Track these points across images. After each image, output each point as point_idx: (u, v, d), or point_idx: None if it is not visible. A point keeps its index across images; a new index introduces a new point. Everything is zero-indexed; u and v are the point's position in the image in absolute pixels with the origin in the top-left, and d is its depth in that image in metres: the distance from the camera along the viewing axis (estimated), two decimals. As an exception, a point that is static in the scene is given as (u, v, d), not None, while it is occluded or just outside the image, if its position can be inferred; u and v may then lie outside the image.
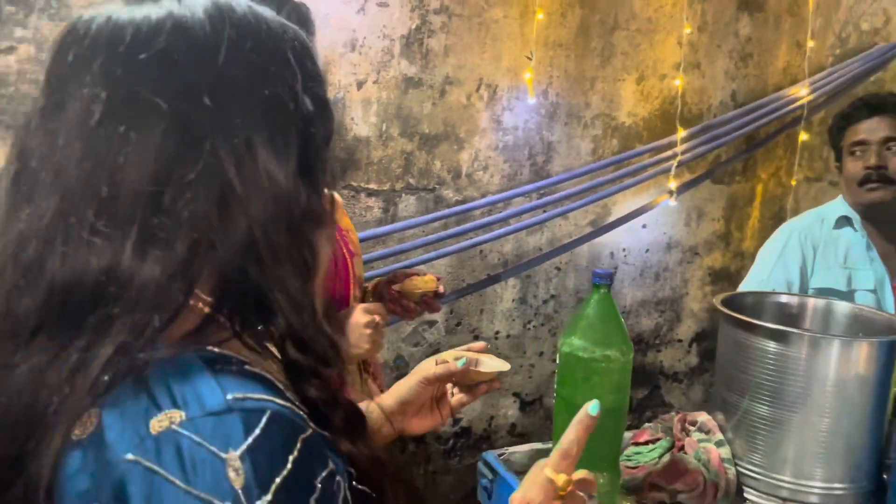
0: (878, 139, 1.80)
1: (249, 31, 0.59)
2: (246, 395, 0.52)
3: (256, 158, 0.57)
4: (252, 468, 0.49)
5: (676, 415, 1.42)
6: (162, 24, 0.57)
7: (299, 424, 0.53)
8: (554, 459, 0.75)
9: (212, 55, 0.57)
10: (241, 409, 0.51)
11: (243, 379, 0.54)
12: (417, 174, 2.03)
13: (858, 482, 1.25)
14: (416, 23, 1.94)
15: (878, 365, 1.22)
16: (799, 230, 1.89)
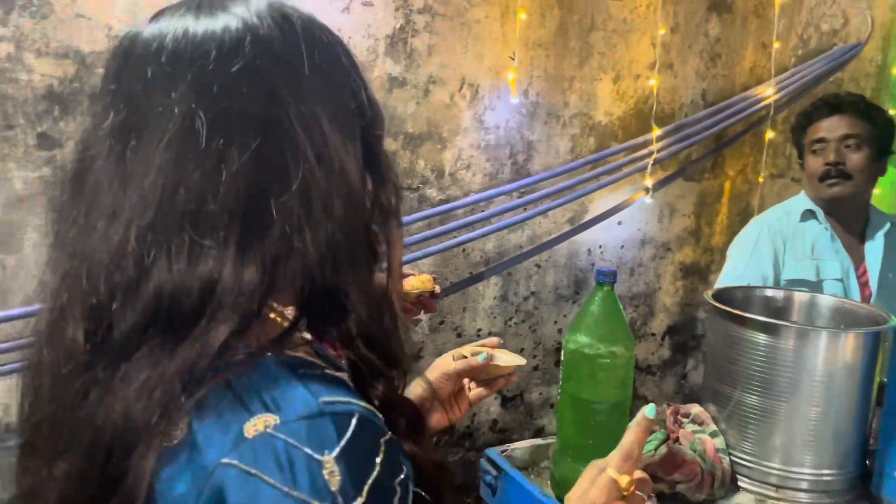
0: (837, 137, 1.88)
1: (313, 38, 0.61)
2: (335, 398, 0.54)
3: (338, 162, 0.58)
4: (347, 470, 0.51)
5: (668, 407, 1.46)
6: (243, 37, 0.58)
7: (381, 427, 0.56)
8: (616, 461, 0.77)
9: (291, 65, 0.58)
10: (332, 413, 0.53)
11: (328, 383, 0.56)
12: (402, 174, 2.03)
13: (846, 468, 1.30)
14: (401, 22, 1.94)
15: (864, 355, 1.28)
16: (768, 224, 1.96)
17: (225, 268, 0.54)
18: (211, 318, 0.53)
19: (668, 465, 1.28)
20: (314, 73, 0.59)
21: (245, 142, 0.55)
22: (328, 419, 0.53)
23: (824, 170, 1.89)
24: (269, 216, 0.55)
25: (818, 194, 1.92)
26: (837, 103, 1.93)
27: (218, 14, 0.59)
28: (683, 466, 1.28)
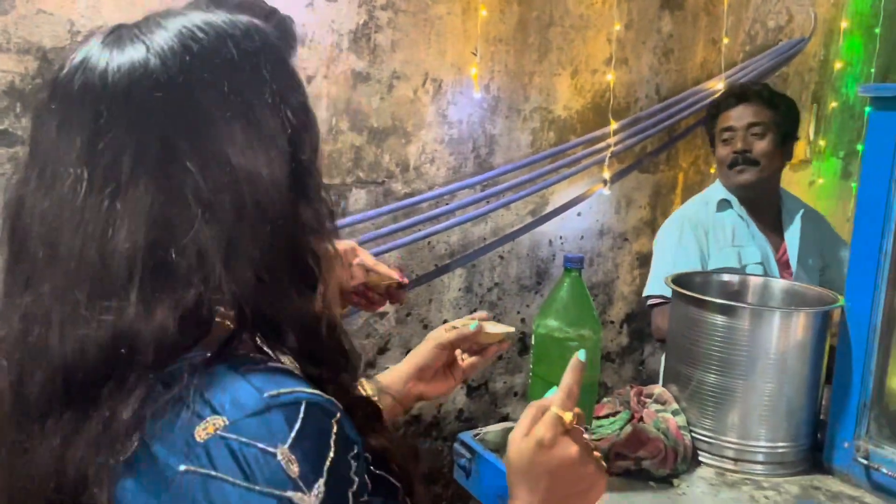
0: (743, 125, 1.96)
1: (220, 63, 0.59)
2: (279, 390, 0.55)
3: (247, 190, 0.58)
4: (304, 457, 0.54)
5: (632, 389, 1.52)
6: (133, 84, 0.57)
7: (330, 408, 0.57)
8: (559, 399, 0.80)
9: (185, 100, 0.57)
10: (278, 405, 0.55)
11: (271, 375, 0.57)
12: (367, 168, 2.06)
13: (798, 440, 1.38)
14: (364, 18, 1.97)
15: (814, 333, 1.36)
16: (689, 218, 2.02)
17: (127, 321, 0.55)
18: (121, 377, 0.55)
19: (632, 443, 1.34)
20: (218, 103, 0.58)
21: (132, 192, 0.56)
22: (276, 412, 0.54)
23: (732, 157, 1.97)
24: (172, 261, 0.56)
25: (729, 181, 2.00)
26: (743, 92, 2.02)
27: (115, 50, 0.59)
28: (648, 444, 1.34)
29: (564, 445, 0.76)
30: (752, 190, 1.99)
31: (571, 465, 0.76)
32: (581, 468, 0.77)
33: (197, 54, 0.58)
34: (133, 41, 0.59)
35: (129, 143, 0.56)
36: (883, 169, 1.27)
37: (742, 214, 2.00)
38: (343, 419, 0.57)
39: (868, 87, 1.29)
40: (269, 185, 0.59)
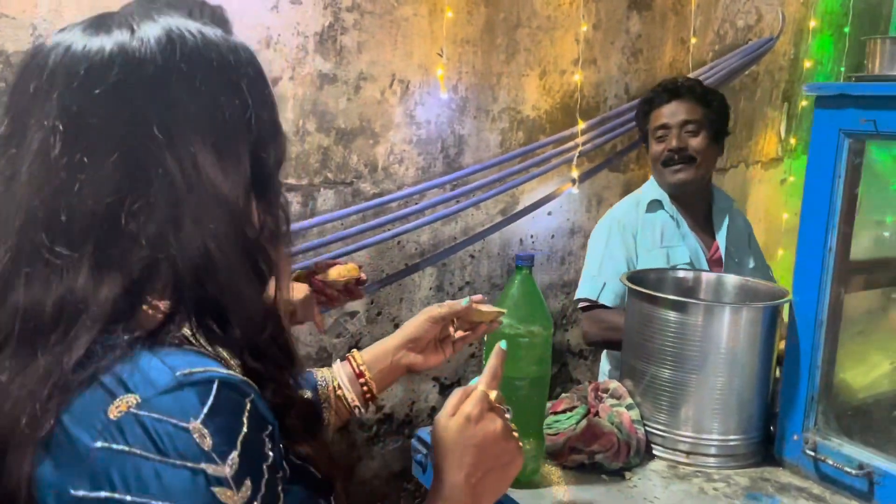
0: (678, 122, 1.94)
1: (200, 62, 0.62)
2: (192, 369, 0.58)
3: (208, 181, 0.61)
4: (216, 430, 0.56)
5: (590, 384, 1.54)
6: (114, 58, 0.60)
7: (244, 389, 0.60)
8: (486, 379, 0.86)
9: (163, 87, 0.61)
10: (190, 383, 0.57)
11: (185, 355, 0.60)
12: (335, 168, 2.08)
13: (750, 432, 1.40)
14: (329, 20, 1.99)
15: (763, 328, 1.38)
16: (617, 220, 2.00)
17: (79, 283, 0.58)
18: (66, 331, 0.57)
19: (587, 437, 1.36)
20: (189, 99, 0.61)
21: (101, 159, 0.59)
22: (188, 389, 0.56)
23: (667, 155, 1.94)
24: (128, 231, 0.59)
25: (664, 180, 1.97)
26: (676, 89, 1.98)
27: (102, 33, 0.62)
28: (601, 437, 1.36)
29: (490, 419, 0.82)
30: (688, 187, 1.96)
31: (496, 439, 0.81)
32: (504, 443, 0.82)
33: (181, 50, 0.62)
34: (121, 25, 0.62)
35: (103, 111, 0.59)
36: (827, 166, 1.30)
37: (673, 214, 1.97)
38: (257, 399, 0.60)
39: (812, 85, 1.31)
40: (229, 182, 0.62)
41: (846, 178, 1.29)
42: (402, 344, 1.08)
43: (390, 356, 1.08)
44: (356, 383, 1.06)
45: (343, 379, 1.05)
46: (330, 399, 1.04)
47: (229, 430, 0.57)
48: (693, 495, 1.28)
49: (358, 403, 1.05)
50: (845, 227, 1.31)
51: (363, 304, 2.22)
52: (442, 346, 1.13)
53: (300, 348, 2.06)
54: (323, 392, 1.05)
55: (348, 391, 1.05)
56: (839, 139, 1.28)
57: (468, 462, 0.79)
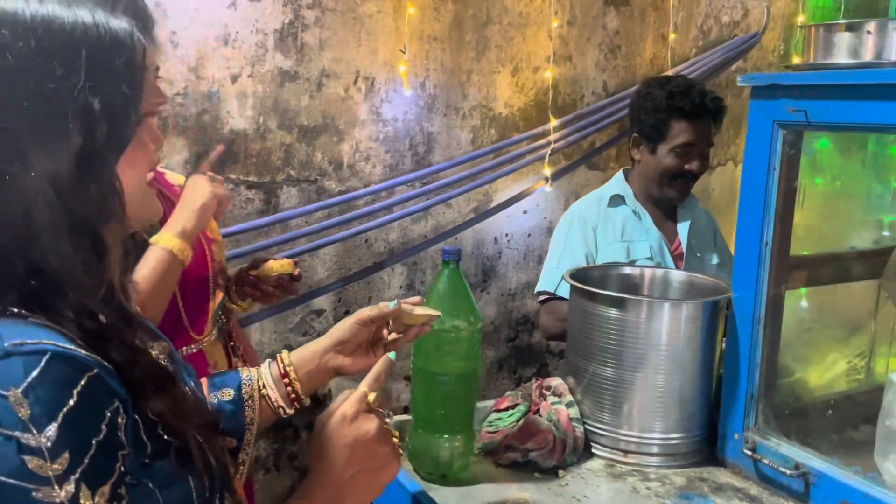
0: (704, 144, 1.85)
1: (24, 29, 0.62)
2: (23, 340, 0.59)
3: (25, 151, 0.62)
4: (36, 401, 0.57)
5: (535, 381, 1.52)
6: None
7: (84, 362, 0.60)
8: (367, 381, 0.87)
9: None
10: (19, 353, 0.58)
11: (23, 326, 0.61)
12: (298, 166, 2.07)
13: (692, 431, 1.37)
14: (290, 17, 1.98)
15: (703, 324, 1.35)
16: (578, 215, 1.95)
17: None
18: None
19: (522, 435, 1.34)
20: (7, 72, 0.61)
21: None
22: (15, 359, 0.58)
23: (685, 172, 1.86)
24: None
25: (664, 192, 1.89)
26: (715, 109, 1.86)
27: None
28: (537, 435, 1.34)
29: (365, 421, 0.83)
30: (678, 203, 1.94)
31: (369, 440, 0.82)
32: (377, 445, 0.83)
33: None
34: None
35: None
36: (762, 158, 1.27)
37: (635, 208, 1.93)
38: (102, 375, 0.61)
39: (746, 76, 1.28)
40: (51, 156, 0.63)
41: (782, 170, 1.26)
42: (331, 346, 1.06)
43: (318, 358, 1.06)
44: (281, 383, 1.04)
45: (268, 378, 1.04)
46: (254, 398, 1.04)
47: (52, 401, 0.58)
48: (624, 494, 1.26)
49: (282, 404, 1.04)
50: (783, 221, 1.28)
51: (330, 302, 2.21)
52: (373, 348, 1.11)
53: (265, 347, 2.06)
54: (247, 390, 1.04)
55: (272, 391, 1.04)
56: (773, 130, 1.24)
57: (339, 460, 0.80)
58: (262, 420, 1.04)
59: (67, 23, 0.65)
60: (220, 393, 1.02)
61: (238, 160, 1.98)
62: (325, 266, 2.16)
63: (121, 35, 0.68)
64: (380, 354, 1.11)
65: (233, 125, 1.96)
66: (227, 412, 0.99)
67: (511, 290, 2.57)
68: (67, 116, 0.63)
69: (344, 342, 1.07)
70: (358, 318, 1.07)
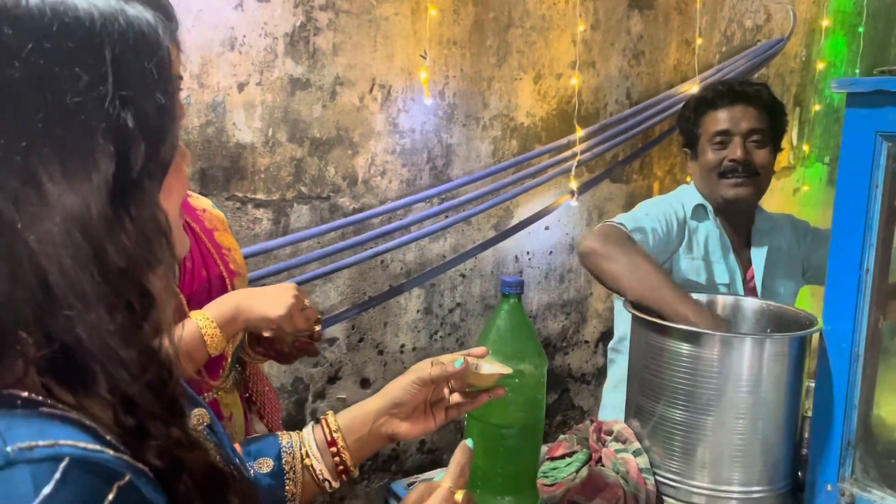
0: (743, 130, 1.66)
1: (33, 27, 0.47)
2: (33, 442, 0.45)
3: (42, 187, 0.47)
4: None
5: (592, 424, 1.36)
6: None
7: (112, 470, 0.47)
8: (452, 475, 0.74)
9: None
10: (27, 461, 0.45)
11: (31, 421, 0.47)
12: (310, 182, 1.90)
13: (776, 483, 1.22)
14: (301, 20, 1.81)
15: (789, 361, 1.20)
16: (669, 204, 1.72)
17: None
18: None
19: (589, 489, 1.19)
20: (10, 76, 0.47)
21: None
22: (21, 469, 0.44)
23: (729, 166, 1.65)
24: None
25: (717, 192, 1.68)
26: (743, 92, 1.68)
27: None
28: (605, 490, 1.19)
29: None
30: (744, 204, 1.70)
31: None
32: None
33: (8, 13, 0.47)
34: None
35: None
36: (862, 174, 1.12)
37: (719, 226, 1.72)
38: (135, 482, 0.48)
39: (843, 81, 1.14)
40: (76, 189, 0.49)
41: (885, 187, 1.10)
42: (385, 409, 0.92)
43: (370, 423, 0.91)
44: (327, 452, 0.89)
45: (313, 447, 0.89)
46: (296, 469, 0.88)
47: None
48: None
49: (328, 476, 0.89)
50: (885, 245, 1.13)
51: (344, 330, 2.04)
52: (433, 410, 0.96)
53: (274, 380, 1.88)
54: (288, 460, 0.88)
55: (318, 461, 0.88)
56: (876, 143, 1.09)
57: None
58: (305, 495, 0.88)
59: (83, 15, 0.49)
60: (257, 463, 0.86)
61: (244, 176, 1.80)
62: (339, 291, 1.98)
63: (146, 29, 0.52)
64: (440, 419, 0.97)
65: (239, 138, 1.78)
66: (266, 486, 0.84)
67: (532, 311, 2.41)
68: (95, 137, 0.48)
69: (400, 404, 0.92)
70: (417, 377, 0.92)
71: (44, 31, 0.47)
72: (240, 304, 1.10)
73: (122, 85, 0.50)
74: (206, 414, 0.69)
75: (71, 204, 0.48)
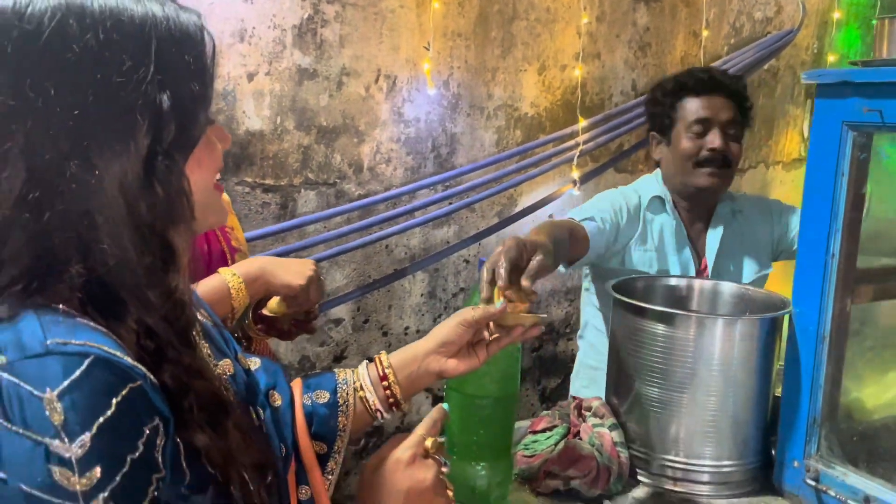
0: (722, 120, 1.64)
1: (92, 21, 0.58)
2: (68, 340, 0.55)
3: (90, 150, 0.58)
4: (72, 406, 0.53)
5: (573, 401, 1.42)
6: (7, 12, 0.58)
7: (128, 373, 0.56)
8: (425, 426, 0.81)
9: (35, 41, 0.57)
10: (61, 353, 0.54)
11: (71, 326, 0.57)
12: (316, 168, 1.98)
13: (746, 458, 1.27)
14: (308, 12, 1.89)
15: (760, 342, 1.25)
16: (622, 192, 1.74)
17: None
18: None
19: (563, 461, 1.25)
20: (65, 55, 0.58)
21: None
22: (56, 358, 0.54)
23: (706, 155, 1.63)
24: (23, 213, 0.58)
25: (691, 180, 1.66)
26: (724, 82, 1.67)
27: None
28: (579, 462, 1.24)
29: (421, 468, 0.77)
30: (716, 195, 1.70)
31: (424, 490, 0.77)
32: (432, 496, 0.77)
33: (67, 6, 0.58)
34: None
35: None
36: (829, 162, 1.16)
37: (676, 218, 1.71)
38: (146, 388, 0.57)
39: (810, 73, 1.18)
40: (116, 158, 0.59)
41: (851, 175, 1.15)
42: (434, 348, 1.00)
43: (419, 360, 1.00)
44: (379, 386, 0.97)
45: (366, 381, 0.97)
46: (349, 401, 0.96)
47: (88, 409, 0.53)
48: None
49: (380, 407, 0.97)
50: (850, 231, 1.17)
51: (349, 311, 2.12)
52: (475, 350, 1.04)
53: (281, 358, 1.97)
54: (342, 394, 0.97)
55: (371, 393, 0.97)
56: (842, 132, 1.14)
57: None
58: (357, 426, 0.97)
59: (137, 15, 0.61)
60: (315, 395, 0.95)
61: (254, 162, 1.88)
62: (344, 273, 2.06)
63: (191, 30, 0.64)
64: (483, 356, 1.04)
65: (248, 125, 1.86)
66: (321, 416, 0.93)
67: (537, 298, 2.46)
68: (135, 113, 0.59)
69: (447, 343, 1.00)
70: (462, 319, 1.01)
71: (101, 25, 0.58)
72: (265, 267, 1.21)
73: (161, 72, 0.60)
74: (231, 365, 0.78)
75: (110, 165, 0.58)
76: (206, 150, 0.67)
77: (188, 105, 0.63)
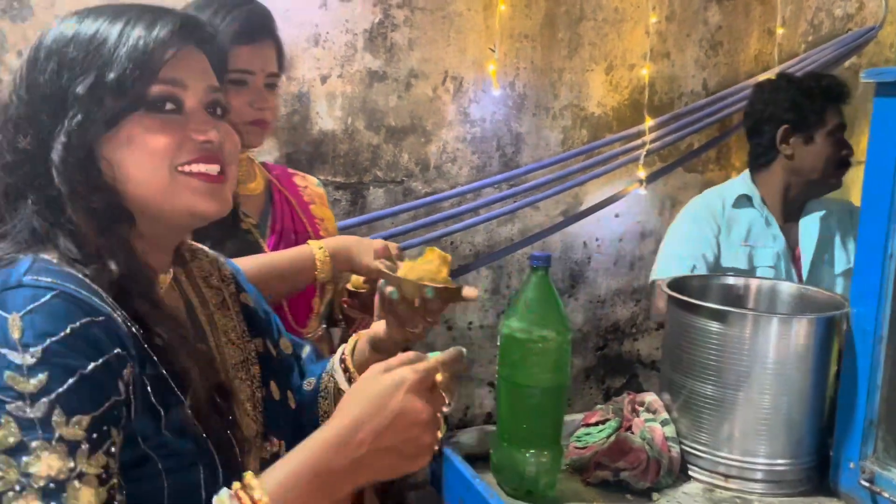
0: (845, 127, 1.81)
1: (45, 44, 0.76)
2: (42, 278, 0.67)
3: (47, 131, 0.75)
4: (30, 325, 0.64)
5: (627, 395, 1.44)
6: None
7: (92, 307, 0.67)
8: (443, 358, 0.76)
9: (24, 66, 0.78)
10: (32, 286, 0.66)
11: (55, 272, 0.69)
12: (385, 167, 2.06)
13: (800, 458, 1.26)
14: (379, 17, 1.97)
15: (817, 342, 1.24)
16: (705, 206, 1.86)
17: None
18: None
19: (614, 453, 1.27)
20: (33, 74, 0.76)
21: None
22: (26, 290, 0.66)
23: (845, 158, 1.81)
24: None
25: (829, 179, 1.83)
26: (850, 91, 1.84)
27: None
28: (629, 454, 1.27)
29: (422, 398, 0.71)
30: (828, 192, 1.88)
31: (417, 422, 0.70)
32: (422, 432, 0.70)
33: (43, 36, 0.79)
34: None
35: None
36: (888, 161, 1.15)
37: (763, 212, 1.83)
38: (111, 324, 0.67)
39: (871, 71, 1.17)
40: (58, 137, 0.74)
41: (911, 174, 1.13)
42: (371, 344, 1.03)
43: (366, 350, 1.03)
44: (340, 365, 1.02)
45: (336, 363, 1.03)
46: (329, 389, 1.01)
47: (43, 329, 0.64)
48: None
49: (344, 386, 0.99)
50: (911, 230, 1.15)
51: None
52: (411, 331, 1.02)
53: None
54: (325, 379, 1.02)
55: (338, 373, 1.02)
56: (903, 131, 1.13)
57: (373, 425, 0.69)
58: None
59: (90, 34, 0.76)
60: (306, 382, 1.02)
61: (326, 161, 1.98)
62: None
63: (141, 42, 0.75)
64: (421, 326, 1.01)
65: (321, 125, 1.96)
66: (308, 402, 0.99)
67: (601, 296, 2.48)
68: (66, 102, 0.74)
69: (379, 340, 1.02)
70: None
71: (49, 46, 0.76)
72: (352, 247, 1.30)
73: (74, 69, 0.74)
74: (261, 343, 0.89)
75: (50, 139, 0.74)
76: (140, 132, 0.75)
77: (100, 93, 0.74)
